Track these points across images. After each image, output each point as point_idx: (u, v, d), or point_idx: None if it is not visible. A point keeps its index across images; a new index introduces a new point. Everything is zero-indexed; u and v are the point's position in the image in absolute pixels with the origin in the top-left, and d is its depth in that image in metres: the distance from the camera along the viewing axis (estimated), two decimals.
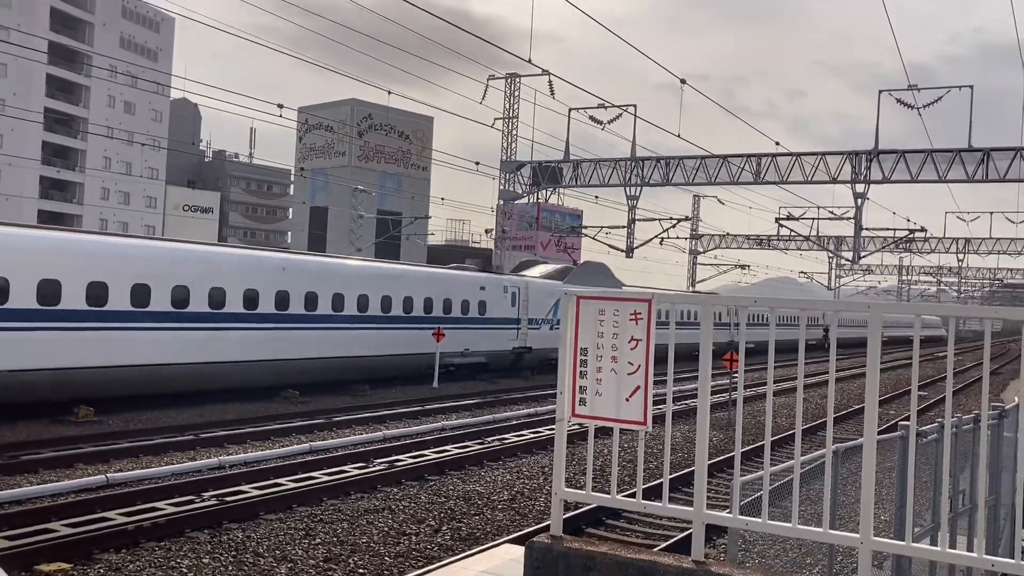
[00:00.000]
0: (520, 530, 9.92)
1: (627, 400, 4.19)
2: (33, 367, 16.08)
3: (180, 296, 18.70)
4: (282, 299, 21.08)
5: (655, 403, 4.27)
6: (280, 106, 26.82)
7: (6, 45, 44.24)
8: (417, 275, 26.56)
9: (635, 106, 30.99)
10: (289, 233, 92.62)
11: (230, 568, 8.29)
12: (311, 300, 21.90)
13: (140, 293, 17.90)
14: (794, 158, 29.96)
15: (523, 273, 33.49)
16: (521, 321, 29.62)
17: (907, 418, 4.07)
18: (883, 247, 45.85)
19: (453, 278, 27.67)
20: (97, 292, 17.19)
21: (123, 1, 76.58)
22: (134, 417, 16.88)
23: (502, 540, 9.00)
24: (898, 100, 27.00)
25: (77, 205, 74.58)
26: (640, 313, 4.16)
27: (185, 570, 8.15)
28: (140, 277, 17.98)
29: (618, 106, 31.10)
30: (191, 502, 10.31)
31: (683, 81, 25.61)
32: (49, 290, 16.47)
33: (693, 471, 4.25)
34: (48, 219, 67.09)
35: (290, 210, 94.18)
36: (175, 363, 18.46)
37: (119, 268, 17.68)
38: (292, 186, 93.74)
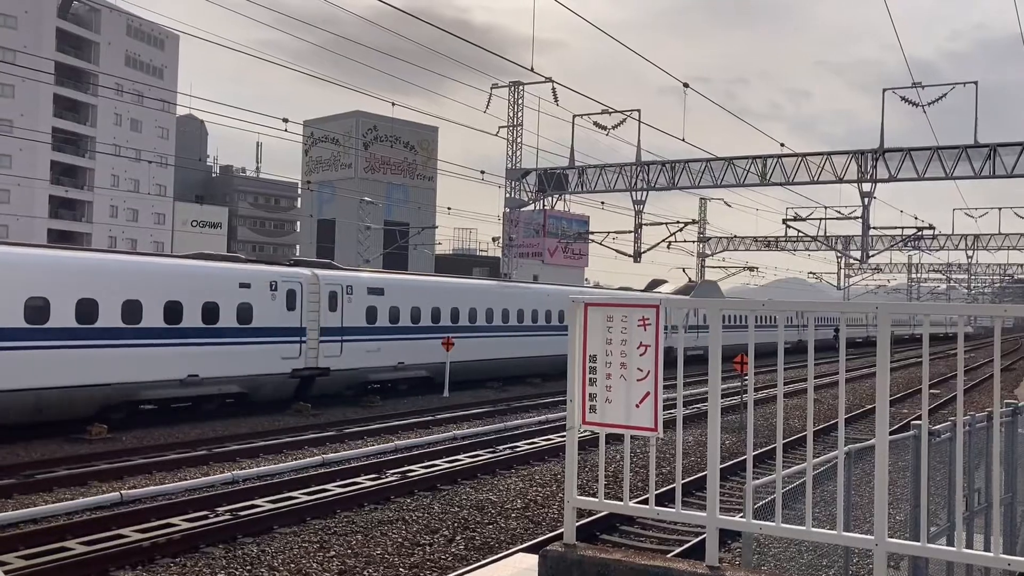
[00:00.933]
0: (534, 538, 9.91)
1: (637, 406, 4.18)
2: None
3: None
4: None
5: (665, 408, 4.26)
6: (285, 120, 27.00)
7: (13, 67, 44.57)
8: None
9: (639, 111, 31.05)
10: (297, 246, 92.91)
11: None
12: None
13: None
14: (799, 159, 29.92)
15: (656, 291, 35.87)
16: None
17: (919, 417, 4.06)
18: (891, 246, 45.71)
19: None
20: None
21: (128, 20, 77.05)
22: (147, 434, 16.94)
23: (516, 549, 8.99)
24: (903, 98, 26.96)
25: (86, 223, 74.97)
26: (648, 319, 4.16)
27: None
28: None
29: (622, 111, 31.16)
30: (205, 517, 10.33)
31: (686, 85, 25.64)
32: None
33: (705, 476, 4.24)
34: (58, 238, 67.46)
35: (298, 223, 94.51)
36: None
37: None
38: (299, 199, 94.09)
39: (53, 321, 16.05)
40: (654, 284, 47.15)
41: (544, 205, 37.08)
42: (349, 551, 9.37)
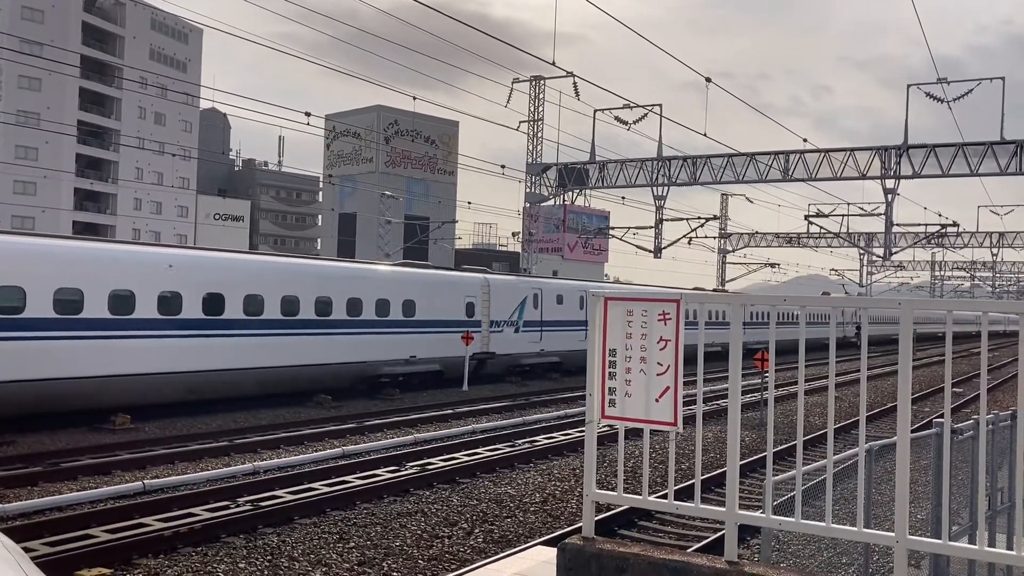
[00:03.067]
0: (552, 532, 9.93)
1: (657, 401, 4.19)
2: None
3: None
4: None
5: (685, 403, 4.26)
6: (308, 114, 27.07)
7: (40, 60, 45.08)
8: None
9: (660, 106, 30.90)
10: (319, 240, 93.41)
11: (266, 573, 8.38)
12: None
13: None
14: (822, 154, 29.69)
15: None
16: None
17: (942, 415, 4.03)
18: (915, 243, 45.25)
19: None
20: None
21: (152, 14, 77.69)
22: (169, 424, 17.11)
23: (534, 542, 9.02)
24: (928, 94, 26.67)
25: (111, 216, 75.76)
26: (668, 313, 4.16)
27: (221, 575, 8.26)
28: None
29: (643, 106, 31.03)
30: (226, 508, 10.43)
31: (708, 80, 25.49)
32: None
33: (725, 471, 4.24)
34: (83, 230, 68.24)
35: (319, 217, 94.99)
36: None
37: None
38: (321, 193, 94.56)
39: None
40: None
41: (564, 200, 37.06)
42: (368, 542, 9.43)
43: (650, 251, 36.03)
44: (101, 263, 17.13)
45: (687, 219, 37.60)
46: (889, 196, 29.47)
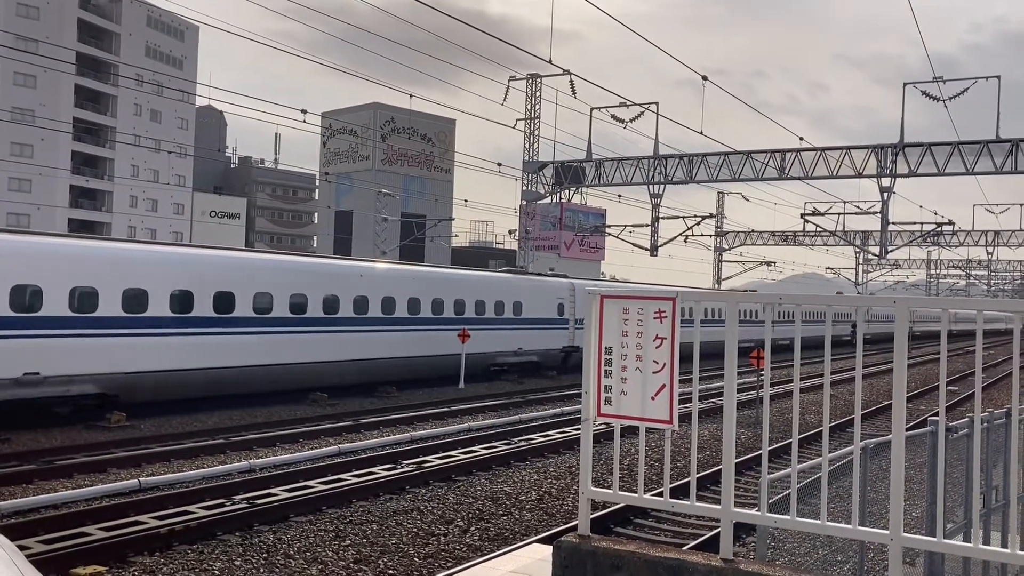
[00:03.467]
0: (548, 530, 9.94)
1: (653, 399, 4.19)
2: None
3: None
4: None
5: (681, 401, 4.27)
6: (304, 111, 27.03)
7: (35, 57, 44.98)
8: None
9: (657, 104, 30.93)
10: (315, 237, 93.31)
11: (261, 570, 8.37)
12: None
13: None
14: (819, 153, 29.72)
15: None
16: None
17: (937, 413, 4.04)
18: (911, 241, 45.34)
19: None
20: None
21: (148, 11, 77.49)
22: (165, 422, 17.09)
23: (530, 540, 9.02)
24: (924, 93, 26.71)
25: (106, 213, 75.57)
26: (665, 311, 4.17)
27: (217, 572, 8.25)
28: None
29: (640, 104, 31.04)
30: (222, 505, 10.42)
31: (704, 77, 25.50)
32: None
33: (720, 470, 4.24)
34: (78, 227, 68.08)
35: (315, 214, 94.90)
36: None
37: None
38: (317, 191, 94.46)
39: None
40: None
41: (561, 198, 37.05)
42: (364, 540, 9.43)
43: (646, 249, 36.06)
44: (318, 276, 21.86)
45: (683, 217, 37.63)
46: (885, 194, 29.54)
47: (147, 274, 17.73)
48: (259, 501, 10.64)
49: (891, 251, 39.77)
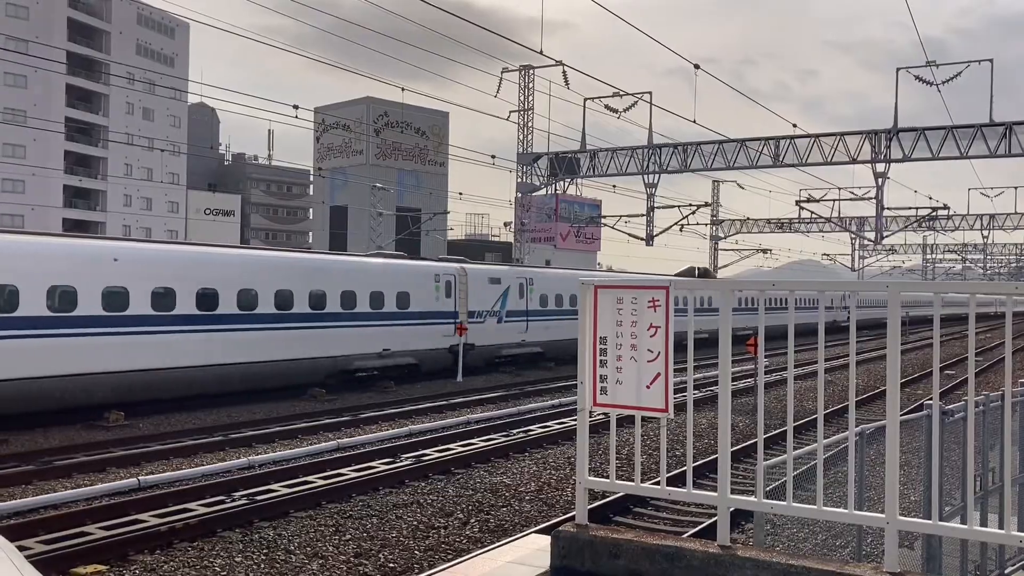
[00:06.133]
0: (548, 520, 9.96)
1: (648, 388, 4.20)
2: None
3: None
4: None
5: (677, 390, 4.28)
6: (296, 107, 26.99)
7: (26, 57, 44.77)
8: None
9: (650, 93, 30.86)
10: (310, 233, 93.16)
11: (262, 566, 8.39)
12: None
13: None
14: (812, 139, 29.70)
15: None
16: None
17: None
18: (906, 226, 45.37)
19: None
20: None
21: (138, 8, 77.15)
22: (164, 420, 17.09)
23: (529, 531, 9.05)
24: (917, 77, 26.68)
25: (101, 212, 75.38)
26: (658, 300, 4.17)
27: (218, 569, 8.26)
28: None
29: (633, 94, 30.97)
30: (222, 502, 10.44)
31: (697, 66, 25.46)
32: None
33: (717, 458, 4.25)
34: (72, 227, 67.90)
35: (310, 210, 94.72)
36: None
37: None
38: (311, 186, 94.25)
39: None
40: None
41: (556, 189, 37.00)
42: (364, 534, 9.45)
43: (642, 239, 36.04)
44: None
45: (679, 206, 37.61)
46: (879, 180, 29.51)
47: None
48: (259, 497, 10.65)
49: (886, 236, 39.79)
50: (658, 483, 4.49)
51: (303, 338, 20.63)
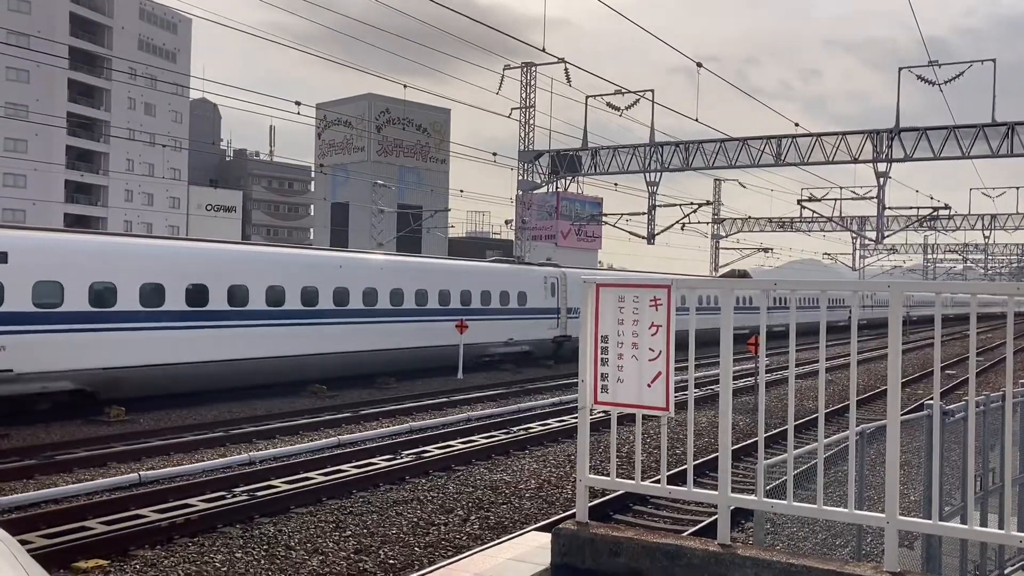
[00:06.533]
0: (548, 518, 9.98)
1: (649, 386, 4.21)
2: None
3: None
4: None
5: (677, 389, 4.29)
6: (298, 103, 26.97)
7: (28, 51, 44.75)
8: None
9: (652, 91, 30.84)
10: (312, 229, 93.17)
11: (262, 562, 8.41)
12: None
13: None
14: (814, 139, 29.69)
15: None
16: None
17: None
18: (907, 226, 45.38)
19: None
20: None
21: (140, 3, 77.11)
22: (164, 416, 17.11)
23: (529, 528, 9.06)
24: (919, 77, 26.67)
25: (102, 208, 75.40)
26: (660, 299, 4.18)
27: (219, 565, 8.28)
28: None
29: (635, 92, 30.95)
30: (222, 498, 10.45)
31: (699, 64, 25.45)
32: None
33: (718, 456, 4.26)
34: (74, 222, 67.92)
35: (312, 206, 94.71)
36: None
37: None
38: (313, 183, 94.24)
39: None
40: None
41: (557, 187, 37.01)
42: (365, 530, 9.46)
43: (643, 237, 36.06)
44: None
45: (680, 205, 37.62)
46: (881, 179, 29.51)
47: None
48: (259, 493, 10.66)
49: (888, 236, 39.78)
50: (658, 481, 4.50)
51: (451, 329, 25.21)
